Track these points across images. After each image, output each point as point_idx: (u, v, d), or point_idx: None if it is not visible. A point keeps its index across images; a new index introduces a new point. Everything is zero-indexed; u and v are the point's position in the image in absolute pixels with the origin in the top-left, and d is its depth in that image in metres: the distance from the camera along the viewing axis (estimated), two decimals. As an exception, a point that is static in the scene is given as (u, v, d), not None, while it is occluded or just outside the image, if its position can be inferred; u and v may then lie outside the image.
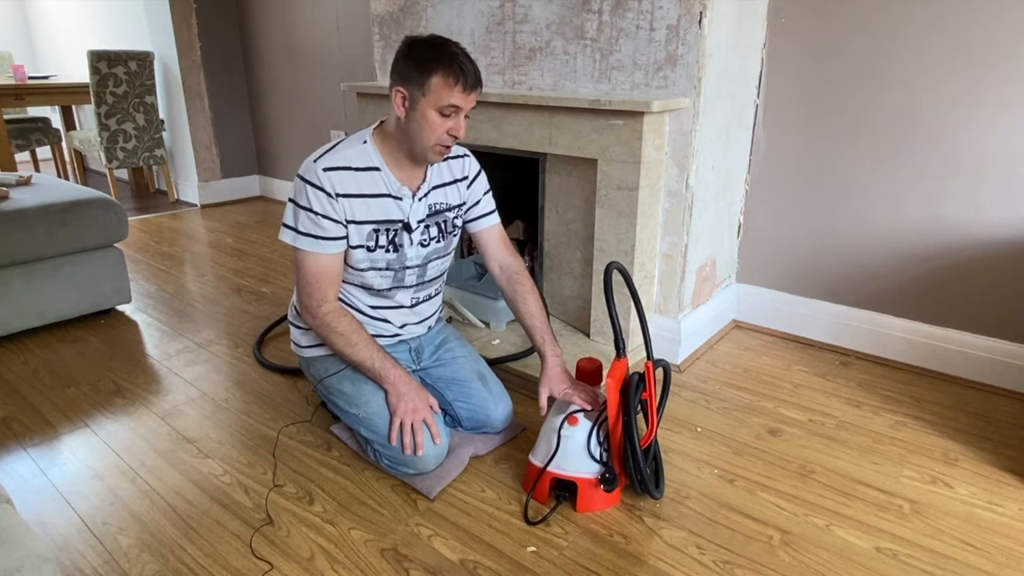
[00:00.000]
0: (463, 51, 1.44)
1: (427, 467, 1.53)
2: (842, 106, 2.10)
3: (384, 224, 1.54)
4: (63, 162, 4.74)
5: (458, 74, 1.40)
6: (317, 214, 1.47)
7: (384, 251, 1.56)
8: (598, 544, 1.37)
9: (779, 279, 2.37)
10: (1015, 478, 1.59)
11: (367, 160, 1.52)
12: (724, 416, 1.85)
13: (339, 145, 1.53)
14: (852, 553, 1.35)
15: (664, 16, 1.85)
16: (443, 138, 1.46)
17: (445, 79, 1.40)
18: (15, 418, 1.82)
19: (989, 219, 1.93)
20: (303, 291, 1.53)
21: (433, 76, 1.40)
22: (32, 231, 2.22)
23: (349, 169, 1.49)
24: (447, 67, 1.39)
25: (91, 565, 1.31)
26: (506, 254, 1.73)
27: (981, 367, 2.01)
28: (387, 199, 1.53)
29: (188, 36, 4.00)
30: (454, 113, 1.44)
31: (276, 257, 3.24)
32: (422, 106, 1.43)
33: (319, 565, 1.31)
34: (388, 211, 1.54)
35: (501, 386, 1.73)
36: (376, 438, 1.55)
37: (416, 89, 1.42)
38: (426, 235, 1.61)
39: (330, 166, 1.48)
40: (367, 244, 1.54)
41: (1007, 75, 1.82)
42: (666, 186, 2.00)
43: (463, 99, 1.42)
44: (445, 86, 1.40)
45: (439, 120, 1.43)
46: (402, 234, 1.57)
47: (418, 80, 1.41)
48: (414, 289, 1.67)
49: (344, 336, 1.53)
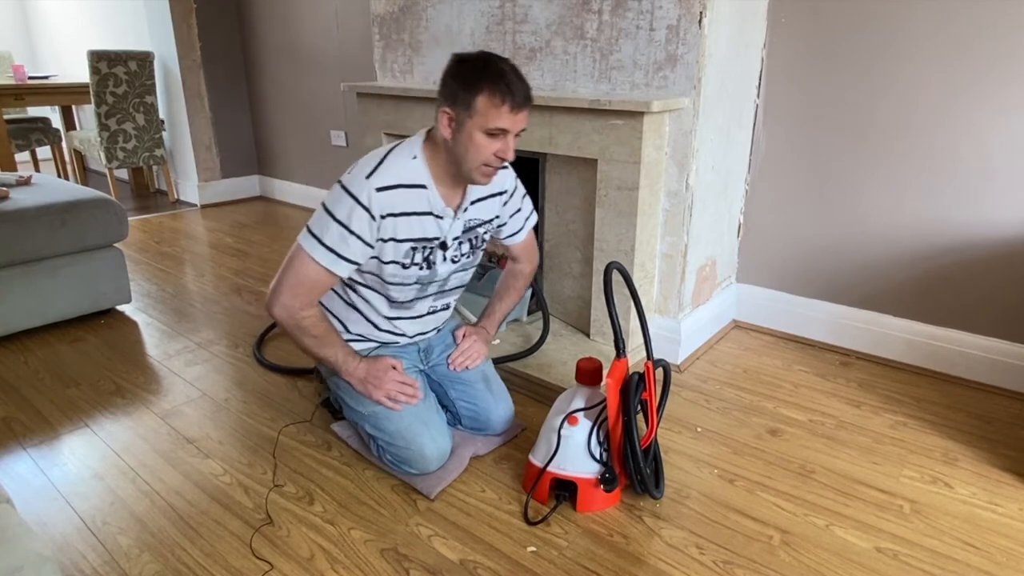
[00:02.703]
0: (512, 67, 1.37)
1: (429, 467, 1.53)
2: (842, 106, 2.10)
3: (422, 242, 1.50)
4: (63, 162, 4.74)
5: (505, 94, 1.33)
6: (352, 233, 1.41)
7: (418, 268, 1.53)
8: (598, 544, 1.37)
9: (779, 279, 2.37)
10: (1015, 478, 1.59)
11: (416, 177, 1.46)
12: (724, 416, 1.85)
13: (390, 158, 1.45)
14: (852, 553, 1.35)
15: (664, 16, 1.85)
16: (490, 159, 1.40)
17: (491, 99, 1.33)
18: (15, 418, 1.82)
19: (989, 219, 1.93)
20: (290, 291, 1.46)
21: (479, 96, 1.33)
22: (32, 231, 2.22)
23: (400, 187, 1.43)
24: (493, 86, 1.33)
25: (91, 565, 1.31)
26: (530, 260, 1.80)
27: (981, 367, 2.01)
28: (429, 217, 1.49)
29: (188, 36, 4.00)
30: (501, 135, 1.37)
31: (276, 257, 3.24)
32: (468, 127, 1.37)
33: (319, 565, 1.31)
34: (427, 229, 1.50)
35: (504, 389, 1.73)
36: (381, 436, 1.55)
37: (462, 110, 1.36)
38: (458, 252, 1.59)
39: (383, 185, 1.41)
40: (403, 261, 1.50)
41: (1007, 75, 1.82)
42: (666, 186, 2.00)
43: (511, 120, 1.36)
44: (491, 106, 1.33)
45: (486, 142, 1.37)
46: (436, 251, 1.54)
47: (464, 100, 1.35)
48: (433, 298, 1.65)
49: (317, 338, 1.51)
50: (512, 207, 1.68)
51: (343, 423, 1.76)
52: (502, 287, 1.82)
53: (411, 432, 1.52)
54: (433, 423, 1.56)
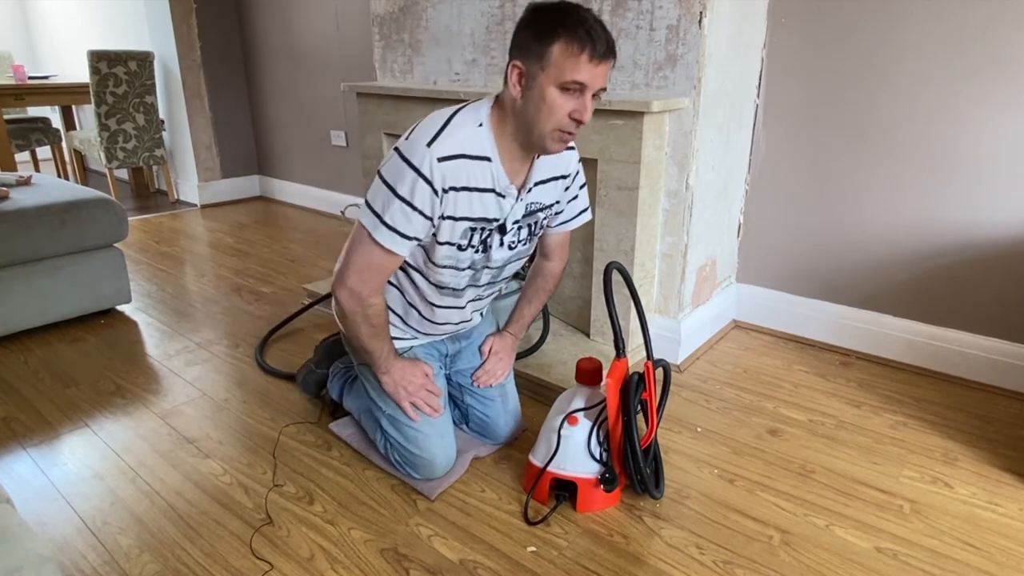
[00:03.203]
0: (594, 17, 1.21)
1: (435, 475, 1.53)
2: (842, 106, 2.10)
3: (481, 223, 1.37)
4: (63, 162, 4.74)
5: (584, 40, 1.17)
6: (415, 209, 1.27)
7: (473, 251, 1.41)
8: (598, 544, 1.37)
9: (779, 279, 2.37)
10: (1015, 478, 1.59)
11: (481, 148, 1.31)
12: (724, 416, 1.85)
13: (453, 123, 1.30)
14: (852, 553, 1.35)
15: (664, 16, 1.85)
16: (564, 123, 1.24)
17: (568, 47, 1.18)
18: (15, 418, 1.82)
19: (989, 219, 1.93)
20: (357, 275, 1.34)
21: (554, 44, 1.18)
22: (32, 231, 2.22)
23: (464, 157, 1.29)
24: (571, 33, 1.17)
25: (91, 565, 1.31)
26: (562, 256, 1.67)
27: (981, 367, 2.01)
28: (491, 195, 1.35)
29: (188, 36, 4.00)
30: (578, 91, 1.21)
31: (276, 257, 3.24)
32: (540, 82, 1.21)
33: (319, 565, 1.31)
34: (488, 209, 1.36)
35: (517, 403, 1.72)
36: (396, 436, 1.53)
37: (535, 63, 1.21)
38: (516, 237, 1.46)
39: (445, 155, 1.26)
40: (459, 242, 1.37)
41: (1006, 75, 1.82)
42: (666, 186, 2.00)
43: (590, 72, 1.19)
44: (568, 55, 1.18)
45: (561, 100, 1.21)
46: (495, 235, 1.41)
47: (537, 51, 1.20)
48: (485, 287, 1.55)
49: (374, 328, 1.41)
50: (571, 193, 1.55)
51: (341, 422, 1.76)
52: (530, 289, 1.70)
53: (427, 441, 1.51)
54: (448, 435, 1.55)
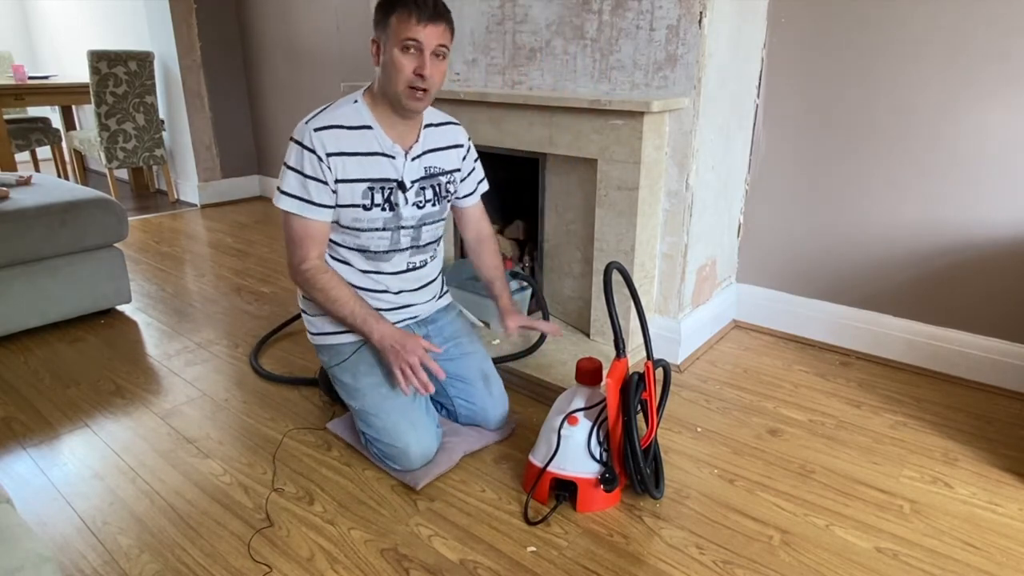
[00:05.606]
0: None
1: (412, 465, 1.55)
2: (842, 106, 2.10)
3: (379, 182, 1.55)
4: (63, 162, 4.74)
5: (411, 7, 1.40)
6: (307, 176, 1.49)
7: (380, 209, 1.57)
8: (598, 544, 1.37)
9: (779, 279, 2.37)
10: (1015, 478, 1.59)
11: (359, 119, 1.53)
12: (724, 416, 1.85)
13: (331, 105, 1.54)
14: (852, 553, 1.35)
15: (664, 16, 1.85)
16: (411, 79, 1.44)
17: (401, 15, 1.41)
18: (15, 418, 1.82)
19: (989, 219, 1.93)
20: (288, 250, 1.56)
21: (392, 15, 1.42)
22: (32, 231, 2.22)
23: (341, 128, 1.50)
24: (404, 4, 1.41)
25: (91, 565, 1.31)
26: (485, 223, 1.83)
27: (981, 367, 2.01)
28: (380, 157, 1.54)
29: (188, 36, 4.00)
30: (415, 48, 1.42)
31: (276, 257, 3.24)
32: (388, 49, 1.44)
33: (319, 565, 1.31)
34: (383, 169, 1.55)
35: (502, 387, 1.74)
36: (370, 431, 1.57)
37: (382, 33, 1.45)
38: (421, 196, 1.62)
39: (321, 126, 1.49)
40: (363, 203, 1.54)
41: (1006, 75, 1.82)
42: (666, 186, 2.00)
43: (421, 32, 1.41)
44: (401, 20, 1.41)
45: (403, 59, 1.43)
46: (397, 192, 1.58)
47: (383, 24, 1.44)
48: (409, 253, 1.66)
49: (324, 291, 1.54)
50: (468, 165, 1.74)
51: (338, 421, 1.76)
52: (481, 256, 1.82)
53: (397, 431, 1.54)
54: (420, 424, 1.56)
